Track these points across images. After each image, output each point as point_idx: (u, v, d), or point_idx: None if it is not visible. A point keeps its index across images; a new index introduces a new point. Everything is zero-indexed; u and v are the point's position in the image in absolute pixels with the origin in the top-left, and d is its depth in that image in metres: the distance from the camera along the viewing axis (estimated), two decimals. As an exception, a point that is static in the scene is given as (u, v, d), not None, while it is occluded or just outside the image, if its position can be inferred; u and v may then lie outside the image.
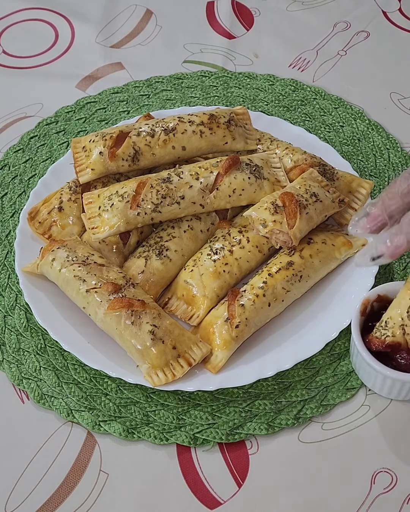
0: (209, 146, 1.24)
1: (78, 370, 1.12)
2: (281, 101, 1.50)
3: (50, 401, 1.09)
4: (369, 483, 1.00)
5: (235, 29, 1.67)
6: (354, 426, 1.06)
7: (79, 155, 1.22)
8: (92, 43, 1.65)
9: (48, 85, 1.57)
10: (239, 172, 1.18)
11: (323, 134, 1.43)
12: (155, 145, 1.21)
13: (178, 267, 1.18)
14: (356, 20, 1.68)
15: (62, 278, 1.12)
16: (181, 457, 1.04)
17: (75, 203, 1.23)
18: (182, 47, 1.64)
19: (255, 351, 1.11)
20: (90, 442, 1.06)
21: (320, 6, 1.72)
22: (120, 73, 1.59)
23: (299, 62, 1.60)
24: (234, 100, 1.51)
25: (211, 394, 1.09)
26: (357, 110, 1.48)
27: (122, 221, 1.14)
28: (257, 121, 1.34)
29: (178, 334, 1.06)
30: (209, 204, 1.18)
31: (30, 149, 1.44)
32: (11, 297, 1.22)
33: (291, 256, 1.14)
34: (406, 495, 0.99)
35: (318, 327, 1.12)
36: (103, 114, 1.51)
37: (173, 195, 1.15)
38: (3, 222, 1.32)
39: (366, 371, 1.04)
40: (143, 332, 1.04)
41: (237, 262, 1.15)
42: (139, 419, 1.07)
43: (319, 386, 1.09)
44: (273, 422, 1.05)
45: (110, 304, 1.06)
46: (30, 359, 1.14)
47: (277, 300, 1.11)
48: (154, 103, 1.52)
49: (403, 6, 1.70)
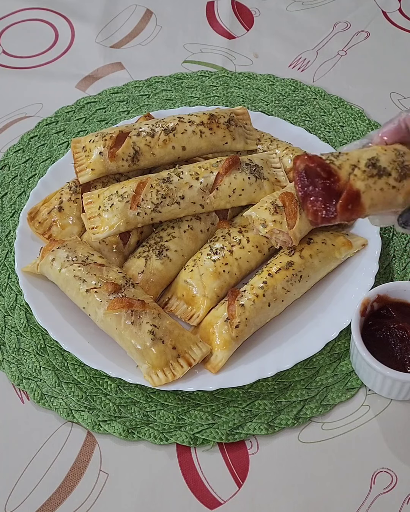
0: (209, 146, 1.24)
1: (78, 370, 1.12)
2: (281, 101, 1.50)
3: (50, 401, 1.09)
4: (369, 483, 1.00)
5: (235, 29, 1.67)
6: (354, 426, 1.06)
7: (79, 155, 1.22)
8: (92, 43, 1.65)
9: (48, 85, 1.57)
10: (239, 172, 1.18)
11: (323, 134, 1.43)
12: (155, 145, 1.21)
13: (178, 267, 1.18)
14: (356, 20, 1.68)
15: (62, 278, 1.12)
16: (181, 457, 1.04)
17: (75, 203, 1.23)
18: (182, 47, 1.64)
19: (255, 351, 1.11)
20: (90, 442, 1.06)
21: (320, 6, 1.72)
22: (120, 73, 1.60)
23: (299, 62, 1.60)
24: (234, 100, 1.51)
25: (211, 394, 1.09)
26: (357, 110, 1.48)
27: (122, 221, 1.14)
28: (257, 121, 1.34)
29: (178, 334, 1.06)
30: (209, 204, 1.18)
31: (30, 149, 1.44)
32: (11, 297, 1.22)
33: (291, 256, 1.14)
34: (406, 495, 0.99)
35: (318, 327, 1.12)
36: (103, 114, 1.51)
37: (173, 195, 1.15)
38: (3, 222, 1.32)
39: (366, 371, 1.04)
40: (143, 332, 1.04)
41: (237, 262, 1.15)
42: (139, 419, 1.07)
43: (319, 386, 1.09)
44: (273, 422, 1.05)
45: (110, 304, 1.06)
46: (30, 359, 1.14)
47: (277, 300, 1.11)
48: (154, 103, 1.52)
49: (403, 6, 1.70)
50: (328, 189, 0.81)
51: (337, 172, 0.82)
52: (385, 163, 0.83)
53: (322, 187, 0.81)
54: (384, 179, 0.82)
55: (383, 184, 0.82)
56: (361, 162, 0.82)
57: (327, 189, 0.81)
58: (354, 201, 0.81)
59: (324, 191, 0.81)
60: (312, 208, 0.81)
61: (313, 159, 0.82)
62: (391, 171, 0.82)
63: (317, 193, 0.81)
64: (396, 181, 0.82)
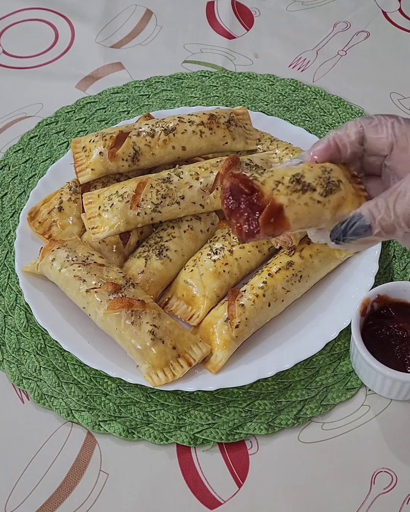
0: (209, 146, 1.24)
1: (78, 370, 1.12)
2: (281, 101, 1.50)
3: (50, 401, 1.09)
4: (369, 483, 1.00)
5: (235, 29, 1.67)
6: (354, 426, 1.06)
7: (79, 155, 1.22)
8: (92, 43, 1.65)
9: (48, 85, 1.57)
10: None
11: (323, 134, 1.43)
12: (155, 145, 1.21)
13: (178, 267, 1.18)
14: (356, 20, 1.68)
15: (62, 278, 1.12)
16: (181, 457, 1.04)
17: (75, 203, 1.23)
18: (182, 47, 1.64)
19: (255, 351, 1.11)
20: (90, 442, 1.06)
21: (320, 6, 1.72)
22: (120, 73, 1.59)
23: (299, 62, 1.60)
24: (234, 100, 1.51)
25: (211, 394, 1.09)
26: (357, 110, 1.48)
27: (122, 221, 1.14)
28: (257, 121, 1.34)
29: (178, 334, 1.06)
30: (209, 204, 1.18)
31: (30, 149, 1.44)
32: (11, 297, 1.22)
33: (291, 256, 1.14)
34: (406, 495, 0.99)
35: (318, 327, 1.12)
36: (103, 114, 1.51)
37: (173, 195, 1.15)
38: (3, 222, 1.32)
39: (366, 371, 1.04)
40: (143, 332, 1.04)
41: (237, 262, 1.15)
42: (139, 419, 1.07)
43: (319, 386, 1.09)
44: (273, 422, 1.05)
45: (110, 304, 1.06)
46: (30, 359, 1.14)
47: (277, 300, 1.11)
48: (154, 103, 1.52)
49: (403, 6, 1.70)
50: (251, 205, 0.80)
51: (260, 188, 0.81)
52: (310, 179, 0.83)
53: (245, 203, 0.81)
54: (309, 194, 0.82)
55: (307, 199, 0.82)
56: (285, 178, 0.82)
57: (250, 205, 0.80)
58: (276, 214, 0.80)
59: (247, 207, 0.81)
60: (236, 225, 0.81)
61: (237, 176, 0.81)
62: (316, 187, 0.82)
63: (242, 210, 0.80)
64: (321, 196, 0.82)
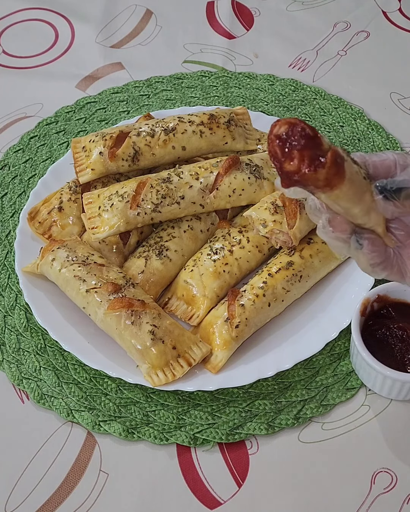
0: (209, 146, 1.24)
1: (78, 370, 1.12)
2: (281, 101, 1.50)
3: (50, 401, 1.09)
4: (369, 483, 1.00)
5: (235, 29, 1.67)
6: (354, 426, 1.05)
7: (79, 155, 1.22)
8: (92, 43, 1.65)
9: (48, 85, 1.57)
10: (239, 172, 1.18)
11: (323, 134, 1.43)
12: (155, 145, 1.21)
13: (178, 267, 1.18)
14: (356, 20, 1.68)
15: (62, 278, 1.12)
16: (181, 457, 1.04)
17: (75, 203, 1.23)
18: (182, 47, 1.64)
19: (255, 351, 1.11)
20: (90, 442, 1.06)
21: (320, 6, 1.72)
22: (120, 73, 1.59)
23: (299, 62, 1.60)
24: (234, 100, 1.51)
25: (211, 394, 1.09)
26: (357, 110, 1.48)
27: (122, 221, 1.14)
28: (257, 121, 1.34)
29: (178, 334, 1.06)
30: (209, 204, 1.18)
31: (30, 149, 1.44)
32: (11, 297, 1.22)
33: (291, 256, 1.14)
34: (406, 495, 0.99)
35: (318, 327, 1.12)
36: (103, 114, 1.51)
37: (173, 195, 1.15)
38: (3, 222, 1.32)
39: (366, 371, 1.04)
40: (143, 332, 1.04)
41: (237, 262, 1.15)
42: (139, 419, 1.07)
43: (319, 386, 1.09)
44: (273, 422, 1.05)
45: (110, 304, 1.06)
46: (30, 359, 1.14)
47: (277, 300, 1.11)
48: (154, 103, 1.52)
49: (403, 6, 1.70)
50: (316, 145, 0.71)
51: (321, 138, 0.72)
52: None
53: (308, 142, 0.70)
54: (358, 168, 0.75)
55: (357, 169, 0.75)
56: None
57: (314, 145, 0.71)
58: (340, 161, 0.72)
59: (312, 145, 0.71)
60: (299, 155, 0.71)
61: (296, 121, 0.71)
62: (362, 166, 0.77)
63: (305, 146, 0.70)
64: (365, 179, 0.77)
